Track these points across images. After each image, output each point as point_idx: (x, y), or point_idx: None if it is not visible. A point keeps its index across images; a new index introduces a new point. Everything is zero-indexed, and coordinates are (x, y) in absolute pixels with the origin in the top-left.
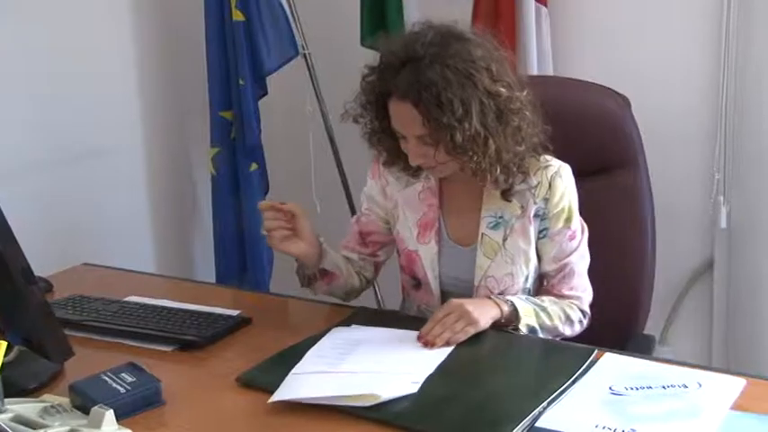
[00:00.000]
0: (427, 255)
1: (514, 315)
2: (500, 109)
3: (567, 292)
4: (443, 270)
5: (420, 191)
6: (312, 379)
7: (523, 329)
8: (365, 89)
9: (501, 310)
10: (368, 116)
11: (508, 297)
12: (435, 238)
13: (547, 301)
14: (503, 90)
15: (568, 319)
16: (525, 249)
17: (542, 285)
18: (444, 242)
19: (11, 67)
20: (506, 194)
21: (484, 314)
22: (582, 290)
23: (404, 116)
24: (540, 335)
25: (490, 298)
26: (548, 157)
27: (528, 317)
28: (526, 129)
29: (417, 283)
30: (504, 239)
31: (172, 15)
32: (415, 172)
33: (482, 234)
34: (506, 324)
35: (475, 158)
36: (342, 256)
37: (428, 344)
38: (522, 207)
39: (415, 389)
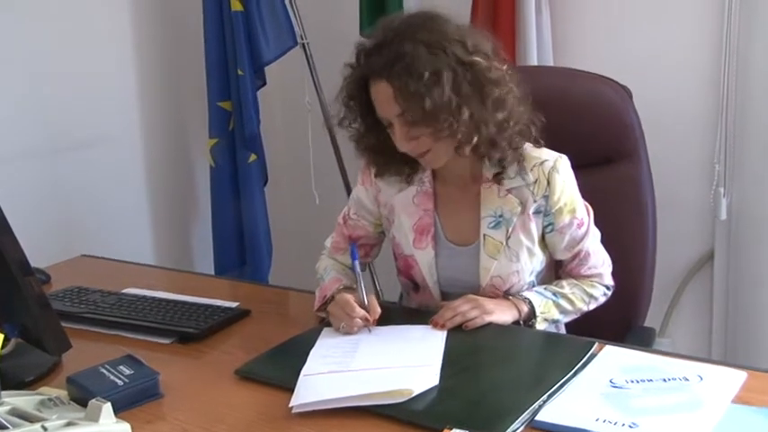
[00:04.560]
0: (424, 260)
1: (532, 312)
2: (477, 78)
3: (586, 273)
4: (442, 273)
5: (414, 195)
6: (328, 379)
7: (542, 325)
8: (347, 85)
9: (519, 311)
10: (353, 115)
11: (525, 294)
12: (432, 243)
13: (566, 285)
14: (479, 59)
15: (591, 297)
16: (529, 246)
17: (561, 268)
18: (442, 245)
19: (8, 54)
20: (499, 178)
21: (500, 309)
22: (600, 266)
23: (382, 96)
24: (565, 320)
25: (508, 298)
26: (543, 150)
27: (546, 311)
28: (512, 101)
29: (416, 286)
30: (508, 238)
31: (170, 5)
32: (408, 176)
33: (484, 235)
34: (524, 321)
35: (447, 125)
36: (337, 263)
37: (437, 325)
38: (522, 203)
39: (437, 381)
